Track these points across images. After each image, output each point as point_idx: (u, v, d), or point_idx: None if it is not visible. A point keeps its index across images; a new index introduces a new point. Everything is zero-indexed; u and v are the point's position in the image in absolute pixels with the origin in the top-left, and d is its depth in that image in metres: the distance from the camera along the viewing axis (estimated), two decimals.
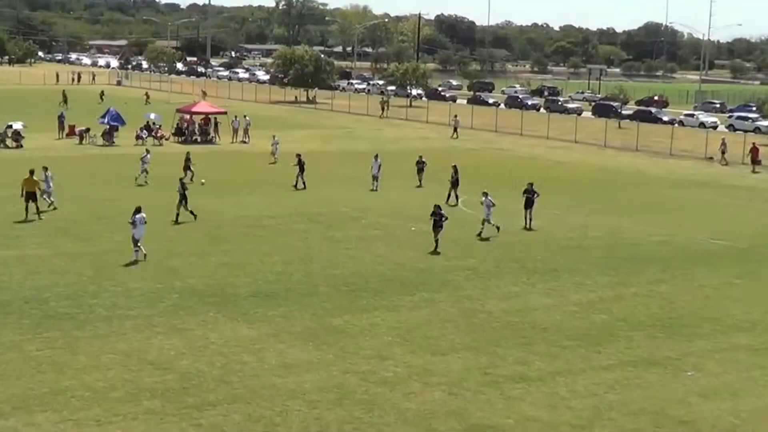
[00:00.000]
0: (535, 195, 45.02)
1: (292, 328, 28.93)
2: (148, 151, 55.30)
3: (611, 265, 38.73)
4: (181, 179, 45.88)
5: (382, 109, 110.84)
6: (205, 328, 28.58)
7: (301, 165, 55.06)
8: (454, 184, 51.82)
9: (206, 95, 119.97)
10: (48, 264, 35.34)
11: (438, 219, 39.48)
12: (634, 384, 25.34)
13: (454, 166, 52.80)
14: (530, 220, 45.07)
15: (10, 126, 71.42)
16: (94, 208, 46.41)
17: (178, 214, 43.60)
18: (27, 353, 25.85)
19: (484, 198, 42.95)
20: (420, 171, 56.42)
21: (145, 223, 36.67)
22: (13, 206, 44.61)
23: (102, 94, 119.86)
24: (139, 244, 36.14)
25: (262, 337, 27.94)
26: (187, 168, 53.94)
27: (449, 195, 50.90)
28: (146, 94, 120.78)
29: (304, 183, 54.98)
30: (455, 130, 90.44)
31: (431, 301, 32.43)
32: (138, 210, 36.35)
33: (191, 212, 43.84)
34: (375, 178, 54.88)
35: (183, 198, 43.77)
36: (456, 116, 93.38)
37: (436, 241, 39.58)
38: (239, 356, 26.20)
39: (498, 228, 42.97)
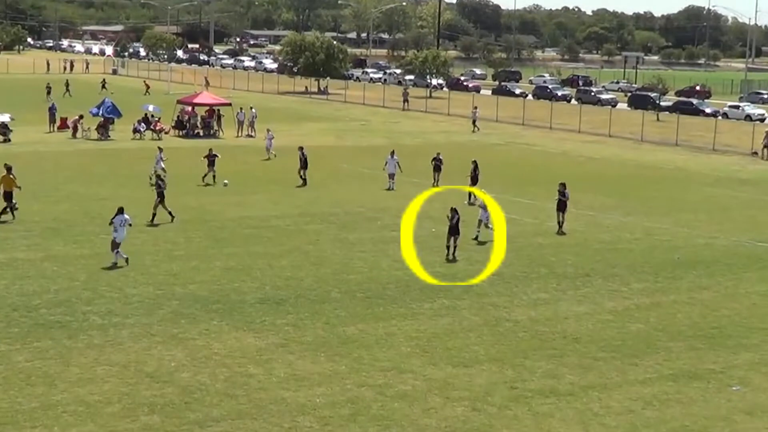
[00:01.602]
0: (566, 197, 44.86)
1: (303, 337, 28.96)
2: (160, 149, 54.46)
3: (649, 270, 38.66)
4: (157, 174, 45.61)
5: (406, 100, 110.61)
6: (208, 337, 28.63)
7: (303, 159, 55.20)
8: (473, 180, 51.95)
9: (209, 85, 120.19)
10: (38, 268, 35.43)
11: (455, 224, 38.87)
12: (674, 399, 25.28)
13: (474, 162, 52.93)
14: (562, 223, 44.92)
15: None
16: (88, 207, 46.50)
17: (154, 215, 43.41)
18: (15, 364, 25.92)
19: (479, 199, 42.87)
20: (436, 169, 56.17)
21: (130, 225, 36.56)
22: None
23: (104, 83, 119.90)
24: (119, 248, 35.94)
25: (269, 348, 27.98)
26: (211, 165, 53.99)
27: (470, 194, 50.91)
28: (145, 83, 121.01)
29: (304, 179, 55.05)
30: (474, 123, 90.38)
31: (453, 309, 32.42)
32: (120, 211, 36.20)
33: (169, 212, 43.58)
34: (391, 176, 54.84)
35: (160, 196, 43.60)
36: (475, 108, 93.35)
37: (450, 247, 38.94)
38: (245, 368, 26.24)
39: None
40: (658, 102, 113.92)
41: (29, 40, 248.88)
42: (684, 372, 27.27)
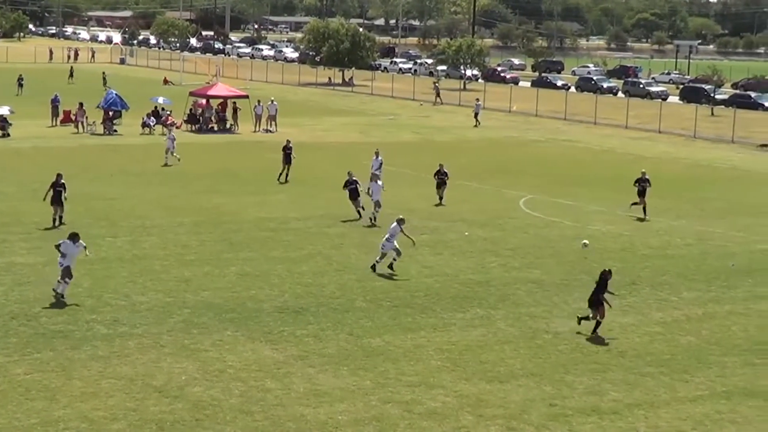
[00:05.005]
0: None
1: (324, 349, 29.01)
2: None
3: (701, 278, 38.52)
4: (58, 174, 43.57)
5: (437, 94, 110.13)
6: (221, 349, 28.72)
7: (287, 154, 55.91)
8: (641, 194, 49.84)
9: (218, 76, 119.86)
10: (39, 273, 35.59)
11: (603, 288, 31.31)
12: (728, 419, 25.19)
13: (643, 173, 50.72)
14: None
15: None
16: (92, 208, 46.62)
17: (62, 217, 42.62)
18: (13, 377, 26.06)
19: (395, 224, 38.50)
20: (440, 185, 51.56)
21: (85, 248, 33.79)
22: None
23: (104, 77, 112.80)
24: (65, 277, 33.13)
25: (288, 361, 28.04)
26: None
27: (644, 208, 49.24)
28: (166, 79, 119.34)
29: (286, 176, 55.61)
30: (476, 116, 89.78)
31: (487, 319, 32.41)
32: (73, 236, 33.51)
33: (60, 217, 42.38)
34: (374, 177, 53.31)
35: (60, 196, 42.36)
36: (477, 99, 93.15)
37: (594, 321, 31.58)
38: (261, 382, 26.31)
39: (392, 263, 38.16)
40: (712, 95, 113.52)
41: (30, 26, 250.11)
42: (739, 389, 27.16)
